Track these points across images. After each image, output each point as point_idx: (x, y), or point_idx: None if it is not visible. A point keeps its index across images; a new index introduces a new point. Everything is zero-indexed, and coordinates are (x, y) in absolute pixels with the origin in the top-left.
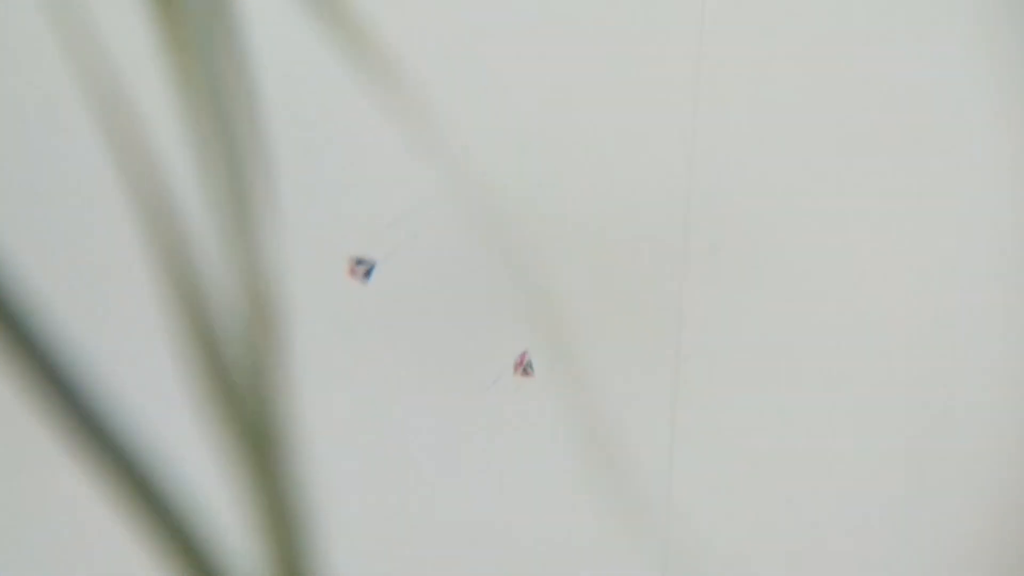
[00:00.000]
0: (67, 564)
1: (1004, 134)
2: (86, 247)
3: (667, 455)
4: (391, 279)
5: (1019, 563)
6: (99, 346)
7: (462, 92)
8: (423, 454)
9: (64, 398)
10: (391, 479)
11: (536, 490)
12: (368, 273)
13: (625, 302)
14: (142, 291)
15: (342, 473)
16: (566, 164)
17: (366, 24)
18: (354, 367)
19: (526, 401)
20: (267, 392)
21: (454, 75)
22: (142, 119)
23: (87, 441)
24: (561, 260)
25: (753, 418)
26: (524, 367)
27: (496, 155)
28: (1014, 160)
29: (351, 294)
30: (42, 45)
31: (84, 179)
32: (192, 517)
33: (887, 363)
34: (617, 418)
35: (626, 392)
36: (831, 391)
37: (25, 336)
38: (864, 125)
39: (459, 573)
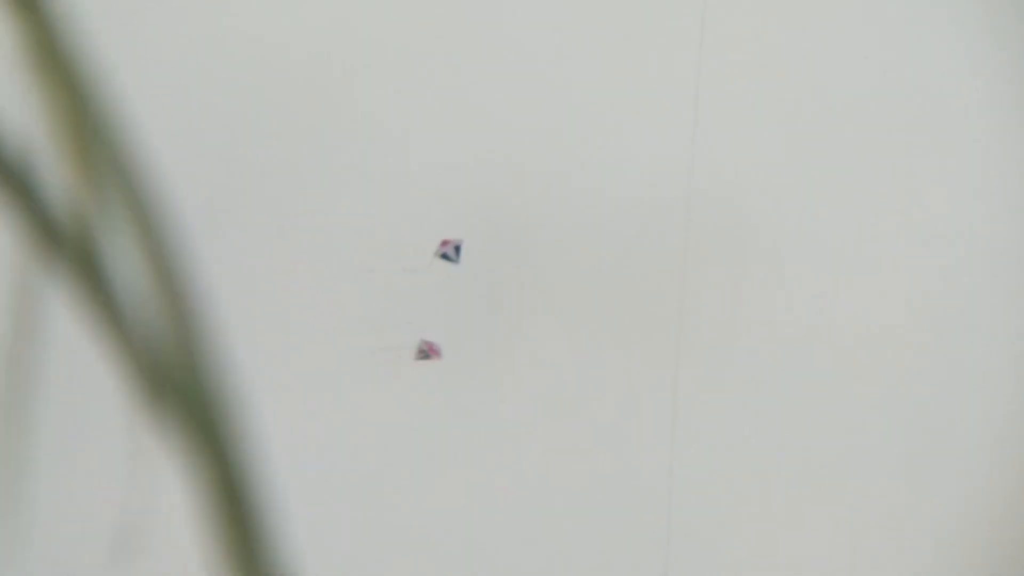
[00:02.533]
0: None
1: (1005, 135)
2: None
3: (668, 454)
4: (390, 277)
5: (1018, 564)
6: None
7: (463, 92)
8: (420, 454)
9: None
10: (387, 481)
11: (537, 491)
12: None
13: (625, 301)
14: None
15: (334, 478)
16: (567, 164)
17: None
18: (345, 367)
19: (525, 401)
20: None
21: (455, 75)
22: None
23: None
24: (562, 259)
25: (754, 418)
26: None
27: (498, 155)
28: (1014, 161)
29: (338, 296)
30: None
31: None
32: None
33: (887, 362)
34: (618, 418)
35: (627, 392)
36: (831, 390)
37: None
38: (865, 126)
39: (460, 574)
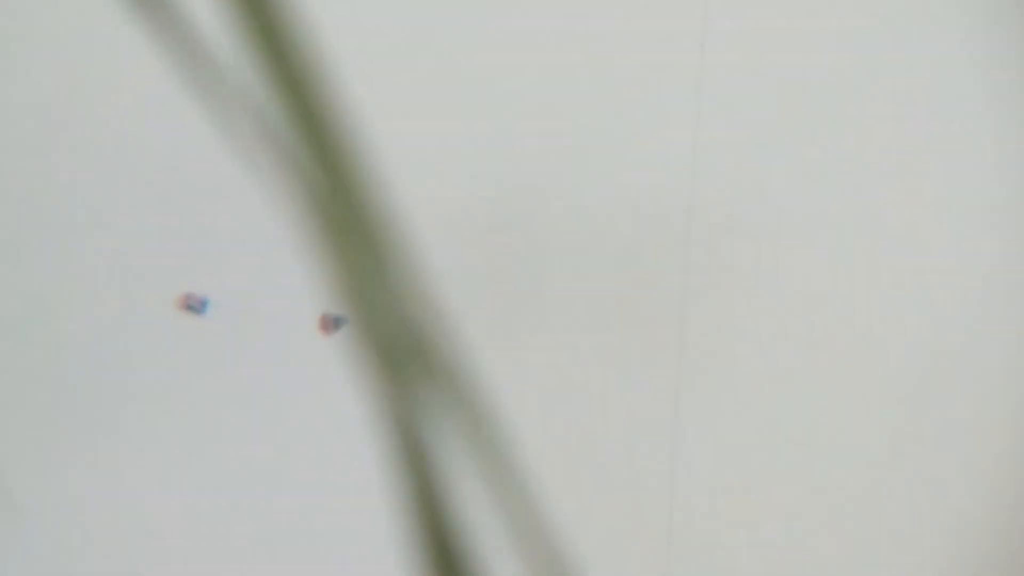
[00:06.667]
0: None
1: (1006, 136)
2: None
3: (669, 456)
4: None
5: (1017, 563)
6: None
7: (464, 96)
8: None
9: None
10: (383, 484)
11: (539, 492)
12: (201, 307)
13: (627, 304)
14: None
15: (324, 476)
16: (568, 166)
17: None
18: (335, 365)
19: (527, 404)
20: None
21: (457, 79)
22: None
23: None
24: (563, 264)
25: (755, 421)
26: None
27: (500, 157)
28: (1015, 163)
29: None
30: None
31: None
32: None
33: (887, 365)
34: (620, 420)
35: (629, 394)
36: (833, 394)
37: None
38: (866, 130)
39: None
